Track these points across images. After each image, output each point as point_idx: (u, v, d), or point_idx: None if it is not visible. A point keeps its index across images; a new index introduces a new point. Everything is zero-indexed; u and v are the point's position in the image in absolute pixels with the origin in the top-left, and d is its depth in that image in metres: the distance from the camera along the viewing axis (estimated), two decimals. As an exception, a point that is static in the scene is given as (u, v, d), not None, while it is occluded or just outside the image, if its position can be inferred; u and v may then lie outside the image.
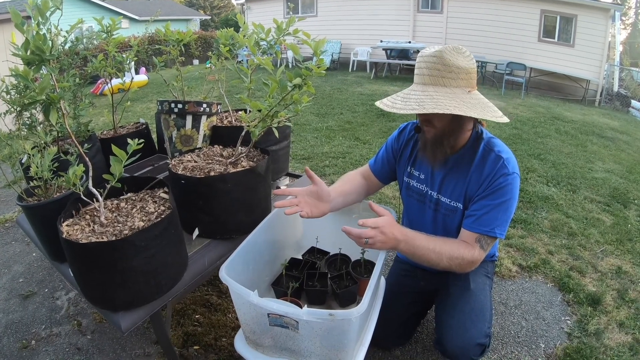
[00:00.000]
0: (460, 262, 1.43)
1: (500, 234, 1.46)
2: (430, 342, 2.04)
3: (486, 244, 1.47)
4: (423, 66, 1.38)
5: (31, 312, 2.30)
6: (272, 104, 1.46)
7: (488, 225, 1.45)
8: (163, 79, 2.51)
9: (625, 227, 3.40)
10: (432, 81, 1.36)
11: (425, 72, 1.37)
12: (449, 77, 1.35)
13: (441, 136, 1.46)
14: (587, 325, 2.19)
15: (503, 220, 1.46)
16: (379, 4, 13.32)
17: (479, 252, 1.46)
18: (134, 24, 20.52)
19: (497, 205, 1.45)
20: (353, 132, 5.84)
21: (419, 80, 1.40)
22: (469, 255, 1.43)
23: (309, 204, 1.52)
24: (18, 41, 1.27)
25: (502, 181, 1.45)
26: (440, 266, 1.43)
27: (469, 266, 1.46)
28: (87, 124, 2.05)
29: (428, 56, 1.36)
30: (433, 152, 1.50)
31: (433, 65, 1.35)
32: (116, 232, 1.30)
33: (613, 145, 6.31)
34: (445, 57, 1.33)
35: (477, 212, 1.48)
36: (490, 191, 1.47)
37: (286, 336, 1.28)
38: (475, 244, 1.46)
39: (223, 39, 1.99)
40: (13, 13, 1.12)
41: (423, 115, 1.45)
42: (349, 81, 10.68)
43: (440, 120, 1.42)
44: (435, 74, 1.35)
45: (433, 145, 1.49)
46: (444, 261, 1.42)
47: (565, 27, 11.04)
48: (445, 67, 1.34)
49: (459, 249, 1.44)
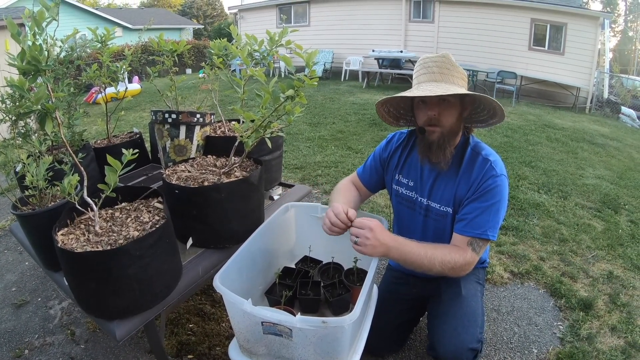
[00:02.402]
0: (453, 266, 1.44)
1: (492, 236, 1.49)
2: (423, 348, 2.05)
3: (478, 247, 1.49)
4: (432, 65, 1.48)
5: (24, 322, 2.29)
6: (264, 115, 1.48)
7: (480, 228, 1.48)
8: (157, 88, 2.52)
9: (617, 233, 3.43)
10: (443, 78, 1.46)
11: (435, 69, 1.47)
12: (456, 76, 1.47)
13: (447, 135, 1.52)
14: (579, 330, 2.21)
15: (494, 222, 1.49)
16: (371, 13, 13.43)
17: (472, 255, 1.48)
18: (127, 33, 20.54)
19: (487, 207, 1.49)
20: (345, 142, 5.87)
21: (429, 78, 1.48)
22: (461, 259, 1.45)
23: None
24: (12, 49, 1.29)
25: (490, 183, 1.49)
26: (433, 271, 1.45)
27: (462, 270, 1.47)
28: (81, 133, 2.06)
29: (436, 57, 1.49)
30: (438, 153, 1.53)
31: (442, 64, 1.47)
32: (111, 242, 1.31)
33: (603, 151, 6.38)
34: (452, 59, 1.47)
35: (468, 215, 1.51)
36: (479, 194, 1.51)
37: (280, 344, 1.28)
38: (468, 247, 1.48)
39: (216, 49, 2.01)
40: (9, 23, 1.13)
41: (434, 111, 1.49)
42: (341, 90, 10.72)
43: (449, 117, 1.50)
44: (445, 72, 1.46)
45: (439, 145, 1.53)
46: (437, 266, 1.43)
47: (555, 36, 11.18)
48: (453, 67, 1.47)
49: (451, 253, 1.45)
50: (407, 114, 1.77)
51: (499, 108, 1.48)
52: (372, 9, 13.36)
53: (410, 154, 1.75)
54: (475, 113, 1.62)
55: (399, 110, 1.76)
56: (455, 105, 1.50)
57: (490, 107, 1.55)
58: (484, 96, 1.46)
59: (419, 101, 1.55)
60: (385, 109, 1.74)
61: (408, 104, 1.69)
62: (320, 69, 12.63)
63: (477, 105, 1.59)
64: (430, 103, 1.50)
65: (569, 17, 10.81)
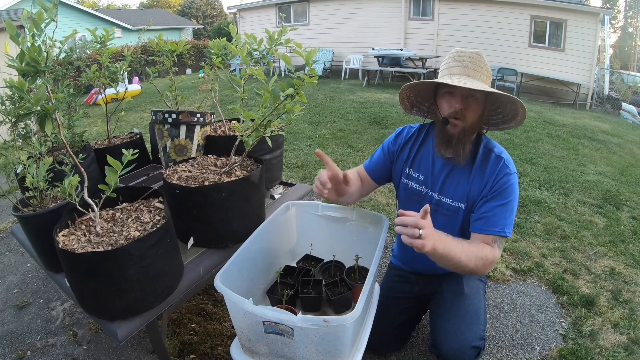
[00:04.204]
0: (484, 263, 1.43)
1: (509, 233, 1.51)
2: (425, 347, 2.05)
3: (501, 244, 1.51)
4: (467, 59, 1.48)
5: (26, 323, 2.29)
6: (264, 114, 1.47)
7: (498, 226, 1.49)
8: (157, 88, 2.52)
9: (618, 229, 3.43)
10: (475, 75, 1.47)
11: (469, 64, 1.48)
12: (486, 75, 1.49)
13: (468, 131, 1.52)
14: (581, 327, 2.20)
15: (510, 220, 1.52)
16: (370, 12, 13.41)
17: (498, 252, 1.49)
18: (127, 33, 20.57)
19: (504, 205, 1.51)
20: (346, 140, 5.86)
21: (462, 71, 1.48)
22: (491, 255, 1.45)
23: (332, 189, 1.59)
24: (11, 51, 1.29)
25: (505, 181, 1.51)
26: (467, 268, 1.39)
27: (491, 266, 1.48)
28: (82, 134, 2.06)
29: (470, 52, 1.50)
30: (458, 147, 1.53)
31: (476, 61, 1.48)
32: (112, 242, 1.31)
33: (604, 148, 6.37)
34: (484, 58, 1.49)
35: (487, 214, 1.52)
36: (495, 192, 1.52)
37: (281, 343, 1.28)
38: (494, 245, 1.49)
39: (216, 49, 2.00)
40: (8, 25, 1.13)
41: (461, 105, 1.48)
42: (342, 89, 10.71)
43: (473, 113, 1.50)
44: (478, 69, 1.48)
45: (459, 139, 1.53)
46: (472, 262, 1.39)
47: (555, 32, 11.16)
48: (485, 66, 1.49)
49: (483, 250, 1.44)
50: (423, 103, 1.75)
51: (521, 115, 1.50)
52: (371, 7, 13.34)
53: (421, 148, 1.74)
54: (490, 115, 1.62)
55: (418, 97, 1.74)
56: (480, 103, 1.50)
57: (509, 113, 1.56)
58: (516, 100, 1.46)
59: (446, 92, 1.53)
60: (407, 94, 1.71)
61: (430, 92, 1.67)
62: (320, 68, 12.63)
63: (495, 108, 1.59)
64: (458, 96, 1.49)
65: (569, 13, 10.79)
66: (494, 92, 1.42)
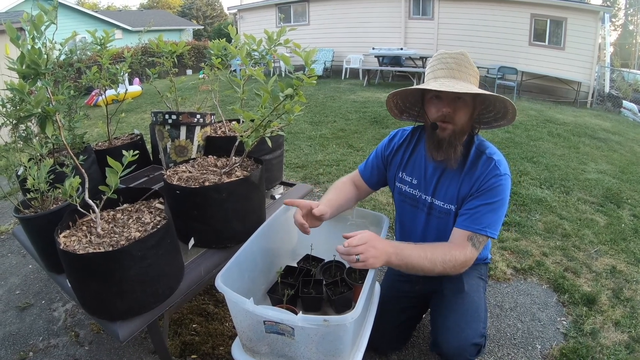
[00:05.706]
0: (454, 264, 1.44)
1: (492, 234, 1.49)
2: (426, 346, 2.06)
3: (478, 243, 1.49)
4: (451, 61, 1.47)
5: (28, 324, 2.30)
6: (264, 114, 1.48)
7: (480, 224, 1.48)
8: (157, 90, 2.53)
9: (619, 227, 3.43)
10: (461, 76, 1.46)
11: (453, 66, 1.46)
12: (472, 75, 1.48)
13: (458, 133, 1.52)
14: (582, 325, 2.20)
15: (494, 220, 1.49)
16: (370, 11, 13.41)
17: (471, 250, 1.48)
18: (127, 35, 20.59)
19: (489, 204, 1.49)
20: (346, 140, 5.86)
21: (447, 73, 1.47)
22: (461, 255, 1.45)
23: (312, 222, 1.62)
24: (12, 54, 1.29)
25: (494, 182, 1.50)
26: (435, 272, 1.44)
27: (462, 266, 1.47)
28: (82, 136, 2.07)
29: (454, 53, 1.48)
30: (449, 150, 1.53)
31: (460, 62, 1.46)
32: (113, 243, 1.31)
33: (605, 146, 6.36)
34: (469, 57, 1.48)
35: (470, 211, 1.51)
36: (482, 191, 1.51)
37: (282, 343, 1.29)
38: (467, 243, 1.48)
39: (215, 50, 2.01)
40: (8, 28, 1.14)
41: (449, 108, 1.48)
42: (342, 89, 10.71)
43: (462, 115, 1.49)
44: (463, 70, 1.46)
45: (449, 143, 1.52)
46: (438, 266, 1.42)
47: (555, 31, 11.15)
48: (470, 66, 1.47)
49: (451, 251, 1.45)
50: (412, 108, 1.75)
51: (511, 113, 1.50)
52: (371, 6, 13.34)
53: (414, 152, 1.75)
54: (481, 114, 1.62)
55: (406, 103, 1.74)
56: (469, 104, 1.50)
57: (500, 111, 1.56)
58: (504, 99, 1.46)
59: (433, 96, 1.53)
60: (394, 101, 1.71)
61: (417, 97, 1.67)
62: (320, 68, 12.64)
63: (486, 107, 1.59)
64: (445, 99, 1.48)
65: (569, 11, 10.78)
66: (480, 92, 1.41)
